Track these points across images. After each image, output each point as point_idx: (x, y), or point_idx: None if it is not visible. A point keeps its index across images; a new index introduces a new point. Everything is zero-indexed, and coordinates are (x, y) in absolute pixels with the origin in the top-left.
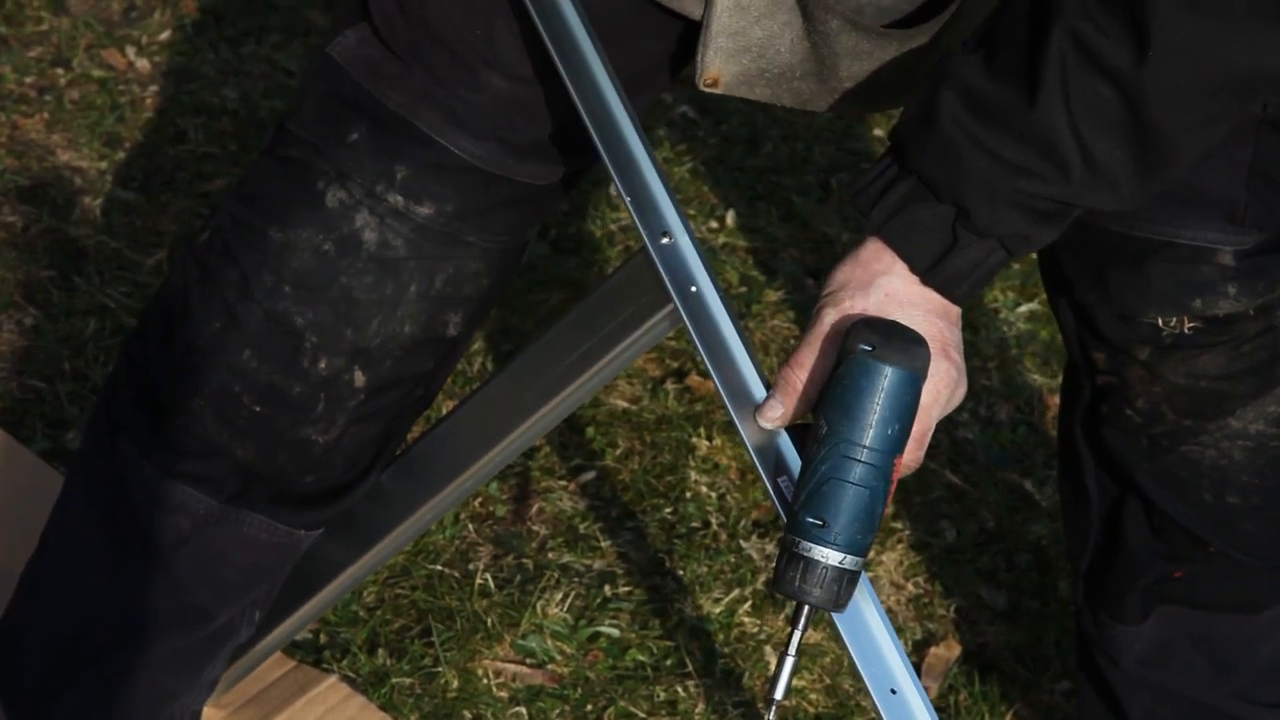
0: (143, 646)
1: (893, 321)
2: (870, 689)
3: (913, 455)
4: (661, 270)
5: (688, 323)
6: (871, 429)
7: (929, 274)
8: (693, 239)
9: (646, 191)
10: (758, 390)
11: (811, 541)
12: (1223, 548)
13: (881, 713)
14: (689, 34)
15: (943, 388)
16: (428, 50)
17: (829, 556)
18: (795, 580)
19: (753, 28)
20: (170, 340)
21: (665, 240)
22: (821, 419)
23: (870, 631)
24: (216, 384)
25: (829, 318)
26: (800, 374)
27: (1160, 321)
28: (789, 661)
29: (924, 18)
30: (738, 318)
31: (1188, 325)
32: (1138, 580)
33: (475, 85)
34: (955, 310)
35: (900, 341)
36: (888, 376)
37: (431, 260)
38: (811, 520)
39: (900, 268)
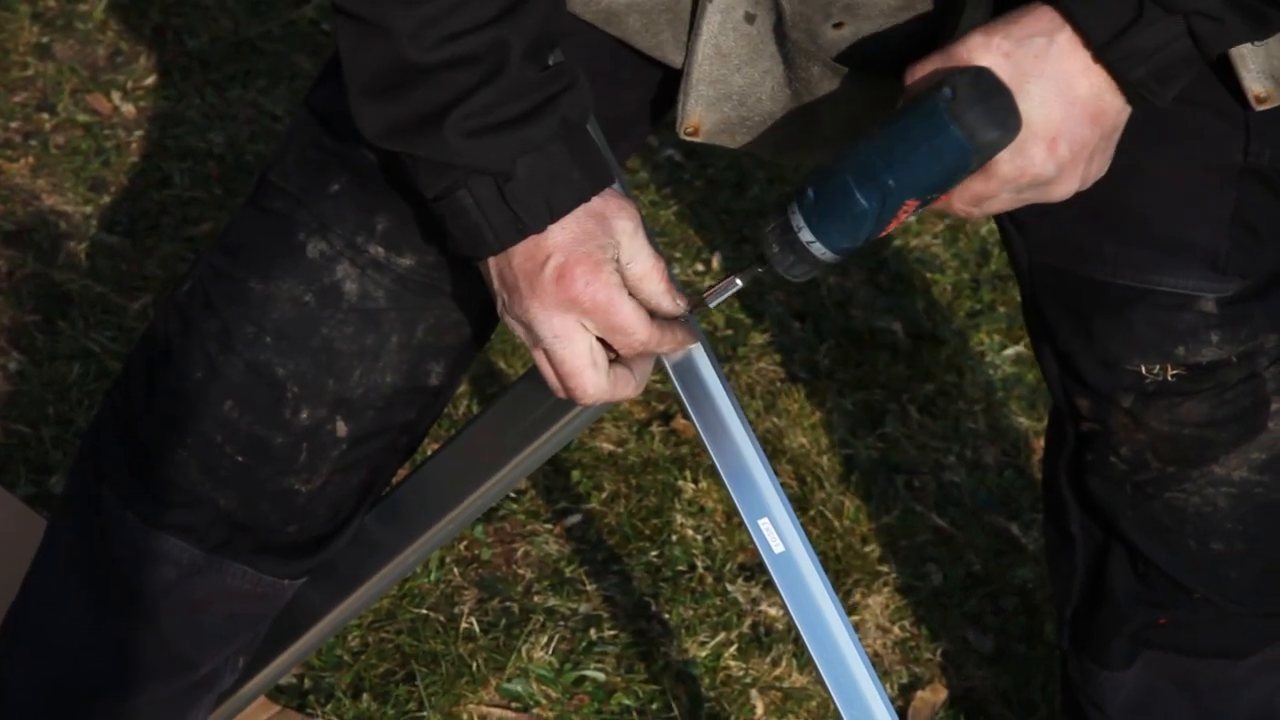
0: (126, 695)
1: (1003, 89)
2: None
3: (961, 208)
4: None
5: (668, 368)
6: (898, 162)
7: (1107, 48)
8: (674, 284)
9: None
10: (740, 437)
11: (797, 205)
12: (1207, 594)
13: None
14: (670, 81)
15: (1020, 173)
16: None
17: (802, 230)
18: (768, 227)
19: (733, 75)
20: (152, 389)
21: None
22: (889, 116)
23: (853, 677)
24: (199, 434)
25: (963, 45)
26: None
27: (1143, 369)
28: (736, 282)
29: (904, 63)
30: (719, 361)
31: (1170, 373)
32: (1123, 626)
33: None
34: (1110, 112)
35: (986, 112)
36: (943, 134)
37: (413, 311)
38: (810, 189)
39: (1066, 34)
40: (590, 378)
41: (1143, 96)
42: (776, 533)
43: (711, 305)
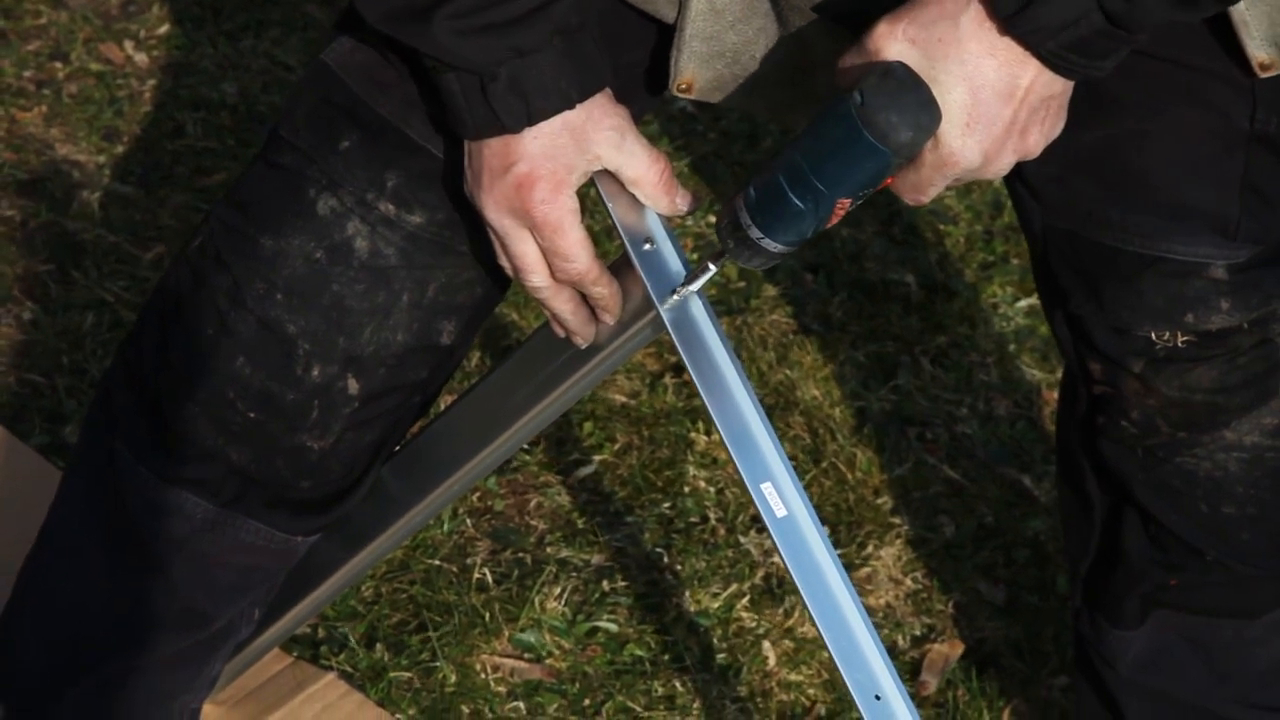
0: (141, 648)
1: (914, 83)
2: (854, 695)
3: (908, 197)
4: (644, 277)
5: (670, 330)
6: (821, 166)
7: (1012, 21)
8: (675, 246)
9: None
10: (742, 402)
11: (743, 203)
12: (1219, 557)
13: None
14: (665, 42)
15: (944, 163)
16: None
17: (750, 227)
18: (722, 222)
19: (727, 32)
20: (165, 345)
21: (647, 247)
22: (813, 118)
23: (855, 641)
24: (211, 390)
25: (870, 37)
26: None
27: (1153, 335)
28: (710, 267)
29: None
30: (719, 321)
31: (1181, 339)
32: (1135, 587)
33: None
34: (1028, 87)
35: (897, 113)
36: (858, 141)
37: (423, 269)
38: (752, 188)
39: (971, 12)
40: (541, 276)
41: (1072, 69)
42: (779, 497)
43: (692, 290)
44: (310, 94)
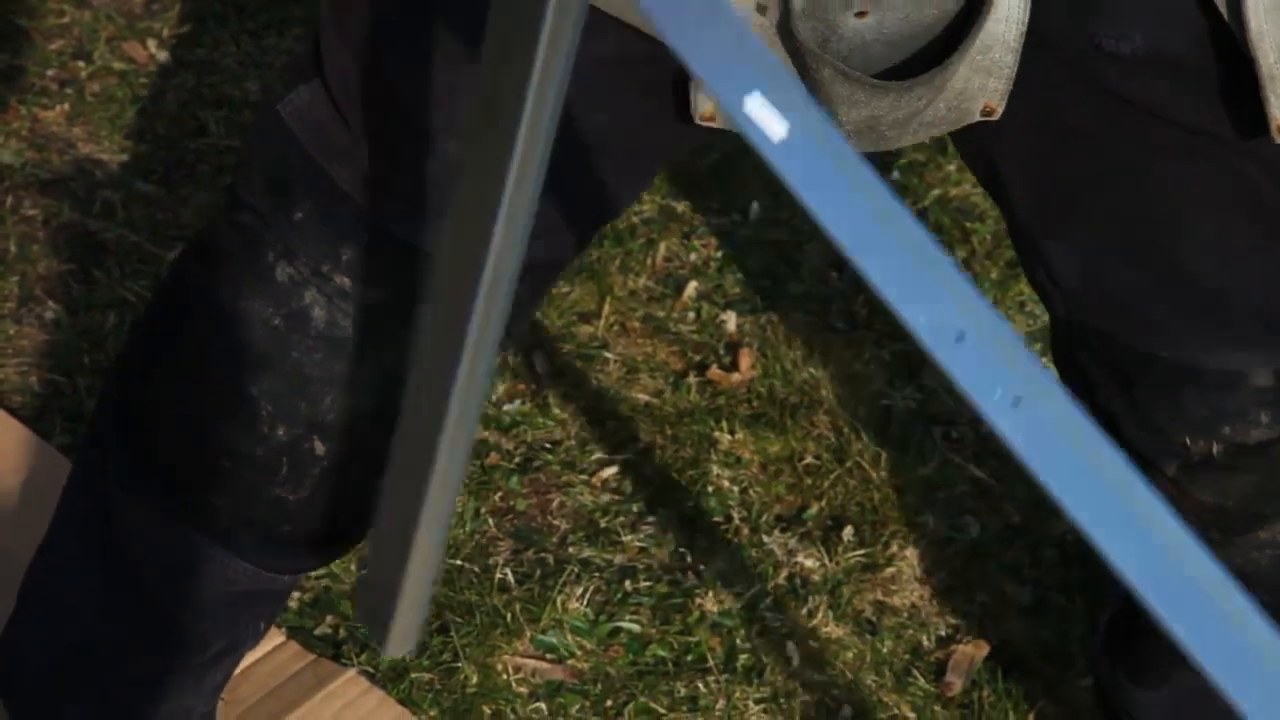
0: (140, 665)
1: None
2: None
3: None
4: None
5: None
6: None
7: None
8: None
9: None
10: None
11: None
12: None
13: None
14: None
15: None
16: (382, 115)
17: None
18: None
19: None
20: (144, 381)
21: None
22: None
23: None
24: (185, 435)
25: None
26: None
27: (1188, 442)
28: None
29: (920, 69)
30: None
31: (1217, 449)
32: (1157, 656)
33: (431, 157)
34: None
35: None
36: None
37: (383, 340)
38: None
39: None
40: None
41: None
42: (774, 111)
43: None
44: (264, 151)
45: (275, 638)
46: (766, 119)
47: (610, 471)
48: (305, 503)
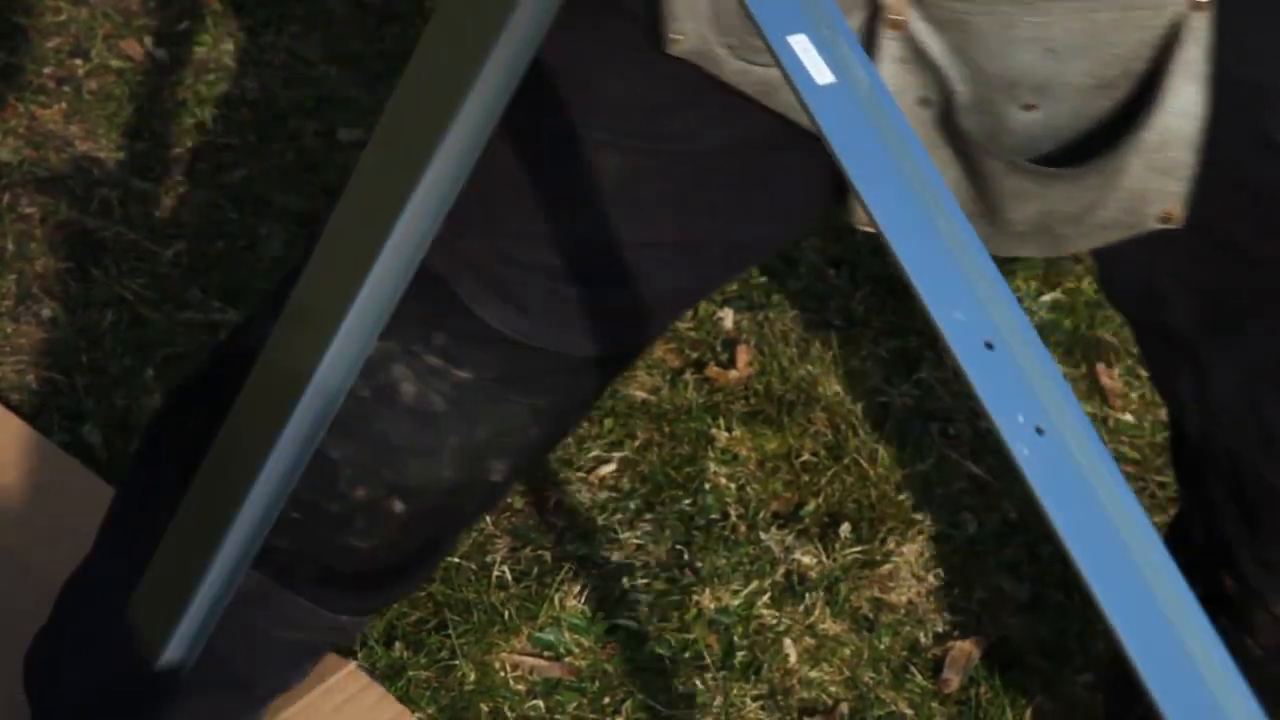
0: (180, 704)
1: None
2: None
3: None
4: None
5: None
6: None
7: None
8: None
9: None
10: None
11: None
12: None
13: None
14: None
15: None
16: (479, 206)
17: None
18: None
19: None
20: (210, 427)
21: None
22: None
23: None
24: None
25: None
26: None
27: None
28: None
29: (1090, 155)
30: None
31: None
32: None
33: (525, 250)
34: None
35: None
36: None
37: (472, 415)
38: None
39: None
40: None
41: None
42: (819, 54)
43: None
44: None
45: None
46: (811, 61)
47: (608, 469)
48: (375, 551)
